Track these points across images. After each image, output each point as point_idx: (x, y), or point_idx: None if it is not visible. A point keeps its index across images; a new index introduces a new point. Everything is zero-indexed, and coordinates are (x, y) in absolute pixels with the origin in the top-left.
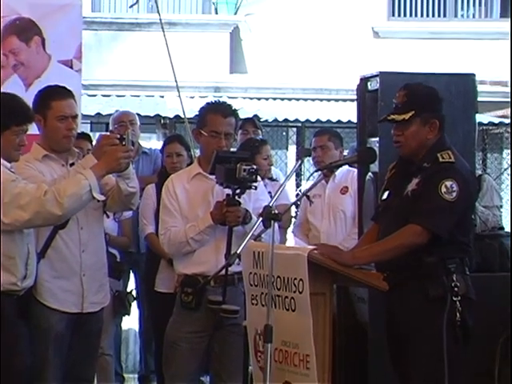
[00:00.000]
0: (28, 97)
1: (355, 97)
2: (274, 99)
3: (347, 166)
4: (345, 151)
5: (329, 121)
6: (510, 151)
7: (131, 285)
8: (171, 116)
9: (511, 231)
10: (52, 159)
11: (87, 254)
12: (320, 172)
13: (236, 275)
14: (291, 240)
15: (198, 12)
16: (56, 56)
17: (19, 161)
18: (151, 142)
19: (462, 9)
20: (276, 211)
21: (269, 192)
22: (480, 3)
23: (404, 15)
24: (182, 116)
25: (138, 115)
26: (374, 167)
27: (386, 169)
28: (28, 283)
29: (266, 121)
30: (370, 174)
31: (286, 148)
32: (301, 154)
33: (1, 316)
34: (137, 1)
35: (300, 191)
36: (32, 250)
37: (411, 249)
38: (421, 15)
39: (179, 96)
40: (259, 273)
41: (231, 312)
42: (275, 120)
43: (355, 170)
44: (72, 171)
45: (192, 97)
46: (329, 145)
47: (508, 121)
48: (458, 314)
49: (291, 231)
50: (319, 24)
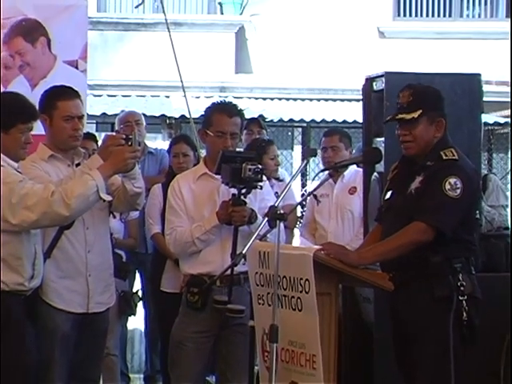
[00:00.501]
0: (34, 97)
1: (361, 97)
2: (280, 99)
3: (355, 166)
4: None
5: (334, 121)
6: None
7: (137, 285)
8: (177, 116)
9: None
10: (58, 159)
11: (93, 255)
12: (326, 172)
13: (242, 275)
14: (297, 240)
15: (204, 12)
16: (61, 56)
17: (25, 161)
18: (157, 142)
19: (468, 9)
20: (281, 211)
21: (275, 193)
22: (486, 3)
23: (409, 15)
24: (188, 116)
25: (144, 115)
26: (380, 167)
27: (391, 167)
28: (35, 283)
29: (272, 121)
30: (376, 174)
31: (292, 148)
32: (306, 154)
33: (9, 315)
34: (142, 1)
35: (306, 191)
36: (39, 251)
37: (416, 246)
38: (426, 15)
39: (185, 96)
40: (265, 273)
41: (237, 312)
42: (280, 120)
43: None
44: (78, 171)
45: (197, 97)
46: (340, 145)
47: None
48: (465, 314)
49: (298, 232)
50: (325, 24)
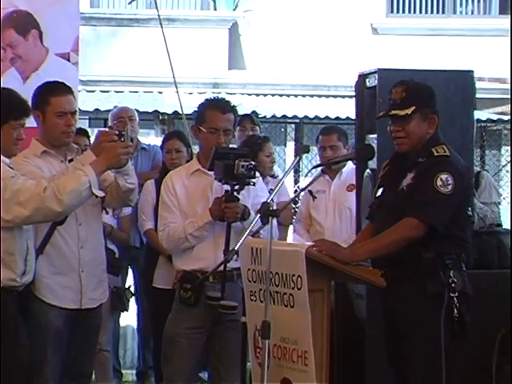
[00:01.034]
0: (25, 90)
1: (353, 93)
2: (273, 95)
3: (352, 164)
4: None
5: (327, 117)
6: (511, 148)
7: (129, 281)
8: (170, 112)
9: (511, 228)
10: (51, 155)
11: (86, 250)
12: (319, 168)
13: (234, 271)
14: (290, 236)
15: (197, 8)
16: (53, 49)
17: (18, 157)
18: (149, 138)
19: (461, 5)
20: (274, 207)
21: (270, 189)
22: (478, 0)
23: (403, 12)
24: (181, 112)
25: (137, 111)
26: (372, 164)
27: (382, 165)
28: (27, 279)
29: (265, 117)
30: (368, 171)
31: (285, 144)
32: (299, 151)
33: (1, 311)
34: None
35: (298, 187)
36: (31, 246)
37: (408, 242)
38: (419, 12)
39: (177, 92)
40: (257, 269)
41: (230, 308)
42: (273, 116)
43: None
44: (71, 167)
45: (190, 93)
46: (338, 144)
47: (506, 117)
48: (456, 310)
49: (292, 228)
50: (318, 20)
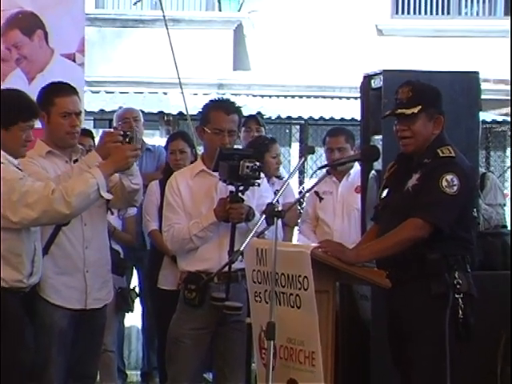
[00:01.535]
0: (31, 91)
1: (359, 94)
2: (278, 96)
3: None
4: None
5: (332, 118)
6: None
7: (134, 281)
8: (174, 113)
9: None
10: (56, 155)
11: (91, 251)
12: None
13: (239, 272)
14: (295, 237)
15: (202, 9)
16: (59, 50)
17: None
18: (154, 139)
19: (466, 7)
20: (279, 208)
21: (276, 190)
22: (484, 1)
23: (408, 13)
24: (185, 113)
25: (142, 112)
26: (378, 165)
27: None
28: (34, 280)
29: (270, 118)
30: (374, 172)
31: (289, 145)
32: (304, 152)
33: (8, 312)
34: None
35: (303, 189)
36: (38, 247)
37: (413, 243)
38: (424, 13)
39: (182, 93)
40: (262, 270)
41: (234, 309)
42: (278, 117)
43: None
44: (75, 168)
45: (195, 94)
46: (346, 146)
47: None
48: (460, 312)
49: (297, 228)
50: (323, 21)
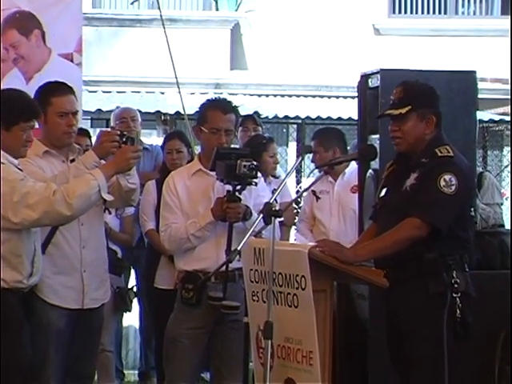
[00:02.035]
0: (28, 91)
1: (356, 94)
2: (275, 96)
3: (356, 164)
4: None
5: (329, 118)
6: (511, 148)
7: (132, 281)
8: (172, 112)
9: (511, 228)
10: (52, 155)
11: (88, 250)
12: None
13: (236, 271)
14: (292, 236)
15: (199, 8)
16: (56, 49)
17: None
18: (151, 139)
19: (463, 6)
20: (277, 208)
21: (274, 189)
22: (481, 1)
23: (405, 12)
24: (183, 112)
25: (139, 111)
26: (375, 164)
27: (386, 165)
28: (34, 280)
29: (267, 117)
30: (371, 171)
31: (287, 145)
32: (301, 151)
33: (8, 313)
34: None
35: (300, 188)
36: (38, 248)
37: (411, 242)
38: (421, 12)
39: (179, 92)
40: (260, 269)
41: (232, 308)
42: (275, 117)
43: None
44: (72, 167)
45: (192, 93)
46: (318, 149)
47: (508, 118)
48: (458, 311)
49: (294, 228)
50: (320, 21)
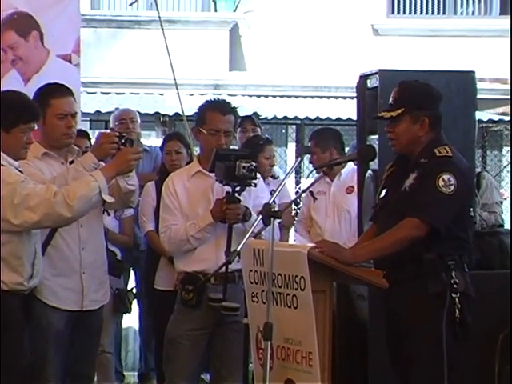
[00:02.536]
0: (27, 92)
1: (355, 94)
2: (274, 97)
3: (352, 165)
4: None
5: (328, 118)
6: (510, 148)
7: (131, 283)
8: (171, 114)
9: (511, 228)
10: (51, 157)
11: (87, 252)
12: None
13: (236, 273)
14: (292, 236)
15: (198, 10)
16: (54, 50)
17: None
18: (151, 140)
19: (462, 6)
20: (276, 209)
21: (272, 190)
22: (479, 1)
23: (403, 12)
24: (182, 114)
25: (138, 113)
26: (374, 165)
27: (386, 167)
28: (34, 283)
29: (266, 118)
30: (370, 172)
31: (286, 145)
32: (300, 152)
33: (8, 315)
34: None
35: (300, 189)
36: (39, 250)
37: (410, 243)
38: (420, 12)
39: (178, 94)
40: (259, 270)
41: (231, 309)
42: (274, 117)
43: None
44: (71, 169)
45: (191, 94)
46: (315, 150)
47: (508, 118)
48: (457, 311)
49: (293, 228)
50: (318, 21)
